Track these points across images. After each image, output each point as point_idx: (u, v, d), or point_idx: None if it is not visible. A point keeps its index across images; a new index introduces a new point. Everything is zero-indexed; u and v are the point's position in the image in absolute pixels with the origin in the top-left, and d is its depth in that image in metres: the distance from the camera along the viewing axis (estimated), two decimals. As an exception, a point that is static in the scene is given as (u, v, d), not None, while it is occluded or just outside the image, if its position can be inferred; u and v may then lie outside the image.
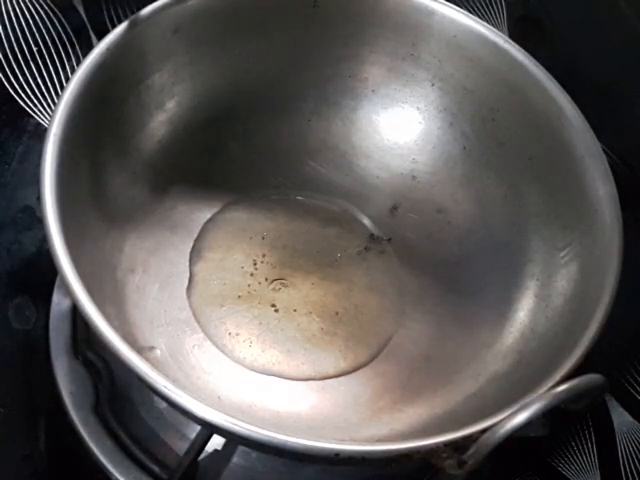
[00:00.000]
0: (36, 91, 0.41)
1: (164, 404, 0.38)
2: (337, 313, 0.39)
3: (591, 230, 0.32)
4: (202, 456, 0.37)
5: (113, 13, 0.44)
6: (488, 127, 0.39)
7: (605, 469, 0.41)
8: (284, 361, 0.37)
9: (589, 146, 0.34)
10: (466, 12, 0.38)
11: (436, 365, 0.37)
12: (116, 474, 0.36)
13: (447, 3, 0.38)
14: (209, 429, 0.34)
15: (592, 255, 0.32)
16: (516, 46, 0.36)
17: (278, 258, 0.41)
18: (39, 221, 0.42)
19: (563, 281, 0.34)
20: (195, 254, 0.40)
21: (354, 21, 0.39)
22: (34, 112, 0.41)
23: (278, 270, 0.40)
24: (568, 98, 0.35)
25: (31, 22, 0.39)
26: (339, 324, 0.39)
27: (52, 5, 0.40)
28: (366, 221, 0.43)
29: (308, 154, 0.43)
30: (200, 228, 0.41)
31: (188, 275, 0.39)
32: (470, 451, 0.24)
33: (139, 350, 0.31)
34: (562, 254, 0.34)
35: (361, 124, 0.43)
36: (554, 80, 0.35)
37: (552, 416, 0.24)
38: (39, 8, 0.39)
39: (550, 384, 0.26)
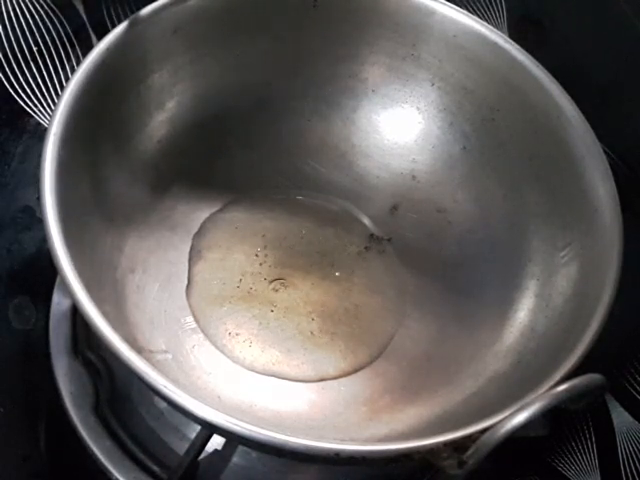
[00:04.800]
0: (36, 91, 0.41)
1: (164, 404, 0.38)
2: (337, 313, 0.39)
3: (591, 230, 0.32)
4: (202, 456, 0.37)
5: (113, 13, 0.44)
6: (488, 127, 0.39)
7: (605, 469, 0.41)
8: (284, 361, 0.37)
9: (589, 146, 0.34)
10: (466, 12, 0.38)
11: (436, 365, 0.37)
12: (116, 474, 0.36)
13: (447, 3, 0.38)
14: (209, 429, 0.34)
15: (592, 255, 0.32)
16: (516, 46, 0.36)
17: (278, 258, 0.41)
18: (39, 221, 0.42)
19: (563, 281, 0.34)
20: (195, 254, 0.40)
21: (354, 21, 0.39)
22: (34, 112, 0.41)
23: (278, 270, 0.40)
24: (568, 98, 0.35)
25: (31, 22, 0.39)
26: (339, 324, 0.39)
27: (52, 5, 0.40)
28: (366, 221, 0.43)
29: (308, 154, 0.43)
30: (200, 228, 0.41)
31: (188, 275, 0.39)
32: (470, 451, 0.24)
33: (139, 350, 0.31)
34: (562, 254, 0.34)
35: (361, 124, 0.43)
36: (554, 80, 0.35)
37: (552, 416, 0.24)
38: (39, 8, 0.39)
39: (550, 384, 0.26)
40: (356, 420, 0.34)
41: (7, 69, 0.39)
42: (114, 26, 0.34)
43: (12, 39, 0.38)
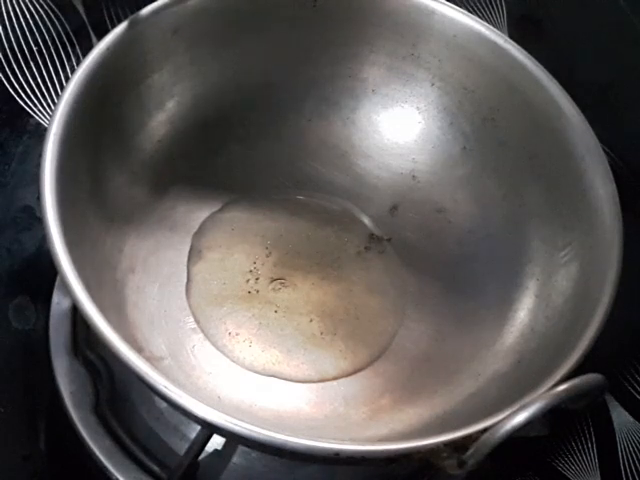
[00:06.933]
0: (36, 91, 0.41)
1: (164, 404, 0.38)
2: (337, 313, 0.39)
3: (591, 230, 0.32)
4: (202, 456, 0.37)
5: (113, 13, 0.44)
6: (488, 127, 0.39)
7: (605, 469, 0.41)
8: (284, 361, 0.37)
9: (589, 146, 0.34)
10: (466, 12, 0.38)
11: (436, 365, 0.37)
12: (116, 474, 0.36)
13: (447, 3, 0.38)
14: (209, 429, 0.34)
15: (592, 255, 0.32)
16: (516, 46, 0.36)
17: (278, 258, 0.41)
18: (39, 221, 0.42)
19: (563, 281, 0.34)
20: (195, 254, 0.40)
21: (354, 21, 0.39)
22: (34, 112, 0.41)
23: (278, 270, 0.40)
24: (568, 98, 0.35)
25: (31, 22, 0.39)
26: (339, 324, 0.39)
27: (52, 5, 0.40)
28: (366, 221, 0.43)
29: (308, 154, 0.43)
30: (200, 228, 0.41)
31: (188, 275, 0.39)
32: (470, 451, 0.24)
33: (139, 350, 0.31)
34: (562, 254, 0.34)
35: (361, 124, 0.43)
36: (554, 80, 0.35)
37: (552, 416, 0.24)
38: (39, 8, 0.39)
39: (550, 384, 0.26)
40: (356, 420, 0.34)
41: (7, 69, 0.39)
42: (114, 26, 0.34)
43: (12, 39, 0.38)
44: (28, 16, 0.39)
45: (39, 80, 0.41)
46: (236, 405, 0.34)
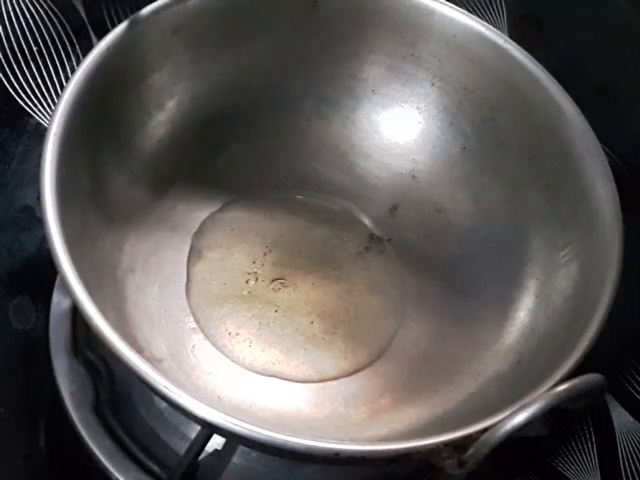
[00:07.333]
0: (36, 91, 0.41)
1: (164, 404, 0.38)
2: (337, 313, 0.39)
3: (591, 230, 0.32)
4: (202, 456, 0.37)
5: (113, 13, 0.44)
6: (488, 127, 0.39)
7: (605, 469, 0.41)
8: (284, 361, 0.37)
9: (589, 146, 0.34)
10: (466, 12, 0.38)
11: (436, 365, 0.37)
12: (116, 474, 0.36)
13: (447, 3, 0.38)
14: (209, 429, 0.34)
15: (592, 255, 0.32)
16: (516, 46, 0.36)
17: (278, 258, 0.41)
18: (39, 221, 0.42)
19: (563, 281, 0.34)
20: (195, 254, 0.40)
21: (354, 21, 0.39)
22: (34, 112, 0.41)
23: (278, 270, 0.40)
24: (568, 98, 0.35)
25: (31, 22, 0.39)
26: (339, 324, 0.39)
27: (52, 5, 0.40)
28: (366, 221, 0.43)
29: (308, 154, 0.43)
30: (200, 228, 0.41)
31: (188, 275, 0.39)
32: (470, 451, 0.24)
33: (139, 350, 0.31)
34: (562, 254, 0.34)
35: (361, 124, 0.43)
36: (554, 80, 0.35)
37: (552, 416, 0.24)
38: (39, 8, 0.39)
39: (550, 384, 0.26)
40: (356, 420, 0.34)
41: (7, 69, 0.39)
42: (114, 26, 0.34)
43: (12, 39, 0.38)
44: (28, 16, 0.39)
45: (39, 80, 0.41)
46: (236, 405, 0.34)
